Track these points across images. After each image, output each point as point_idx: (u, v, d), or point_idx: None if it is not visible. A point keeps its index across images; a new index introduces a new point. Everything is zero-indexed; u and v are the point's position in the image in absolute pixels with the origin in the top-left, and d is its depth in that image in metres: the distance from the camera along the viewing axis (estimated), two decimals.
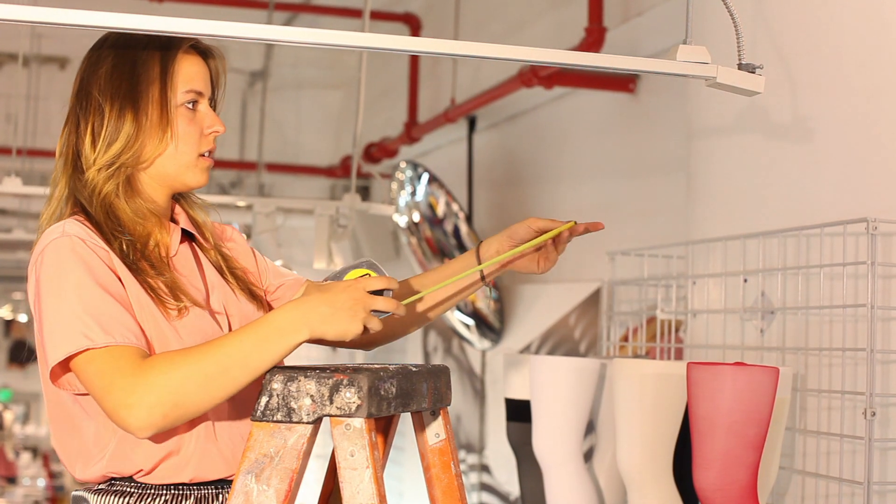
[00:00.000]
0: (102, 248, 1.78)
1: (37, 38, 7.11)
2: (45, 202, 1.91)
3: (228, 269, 1.97)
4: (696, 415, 2.18)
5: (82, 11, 1.59)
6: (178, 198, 1.98)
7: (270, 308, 2.01)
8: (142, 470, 1.80)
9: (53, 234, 1.78)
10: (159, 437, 1.78)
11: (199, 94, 1.90)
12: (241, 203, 5.39)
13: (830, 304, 2.34)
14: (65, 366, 1.73)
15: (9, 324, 17.40)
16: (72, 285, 1.72)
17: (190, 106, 1.89)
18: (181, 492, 1.82)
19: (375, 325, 1.75)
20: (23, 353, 16.78)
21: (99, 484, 1.84)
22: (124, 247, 1.81)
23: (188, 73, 1.88)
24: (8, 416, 16.42)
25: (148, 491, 1.81)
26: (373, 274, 1.83)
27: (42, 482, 14.60)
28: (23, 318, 17.08)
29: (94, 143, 1.85)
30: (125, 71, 1.86)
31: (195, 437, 1.81)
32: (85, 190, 1.85)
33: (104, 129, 1.85)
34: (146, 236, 1.87)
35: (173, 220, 1.95)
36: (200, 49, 1.92)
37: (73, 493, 1.87)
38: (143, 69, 1.86)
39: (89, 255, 1.75)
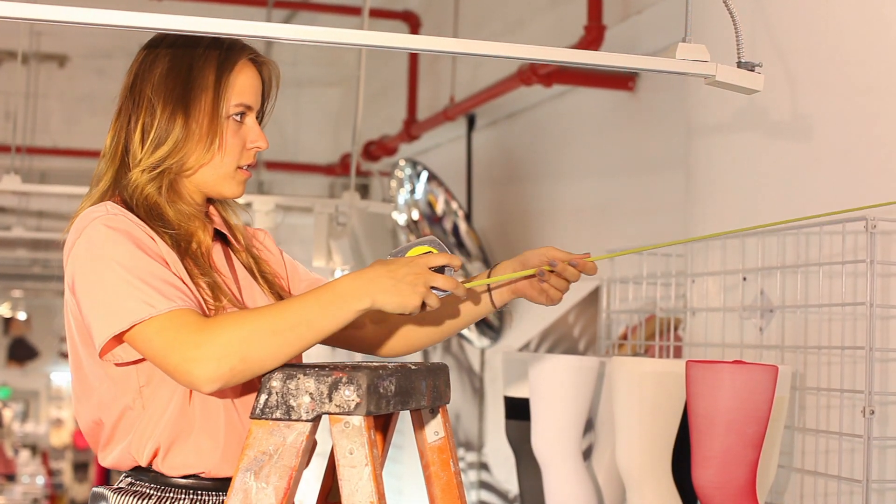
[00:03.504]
0: (143, 226, 1.79)
1: (36, 35, 7.11)
2: (87, 194, 1.91)
3: (259, 272, 1.99)
4: (695, 413, 2.18)
5: (82, 9, 1.59)
6: (213, 199, 1.99)
7: None
8: (159, 448, 1.80)
9: (96, 212, 1.79)
10: (175, 416, 1.78)
11: (249, 107, 1.91)
12: (240, 200, 5.38)
13: (829, 302, 2.34)
14: (117, 338, 1.73)
15: (8, 321, 17.39)
16: (123, 257, 1.73)
17: (238, 118, 1.89)
18: (200, 496, 1.82)
19: (434, 301, 1.78)
20: (22, 351, 16.79)
21: (120, 482, 1.85)
22: (169, 242, 1.82)
23: (242, 86, 1.89)
24: (7, 414, 16.44)
25: (167, 494, 1.81)
26: (435, 251, 1.84)
27: (41, 480, 14.63)
28: (22, 315, 17.07)
29: (143, 140, 1.86)
30: (180, 74, 1.86)
31: (216, 424, 1.81)
32: (128, 188, 1.86)
33: (154, 129, 1.85)
34: (189, 236, 1.88)
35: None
36: (257, 61, 1.93)
37: (94, 489, 1.88)
38: (199, 74, 1.86)
39: (134, 229, 1.77)
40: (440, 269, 1.81)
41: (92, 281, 1.74)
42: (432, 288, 1.78)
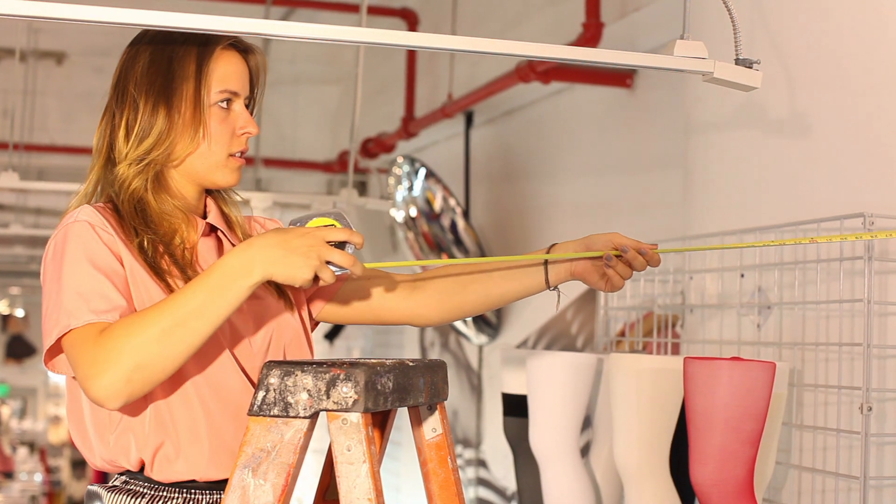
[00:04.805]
0: (109, 234, 1.78)
1: (34, 32, 7.10)
2: (76, 193, 1.91)
3: None
4: (693, 410, 2.18)
5: (80, 6, 1.59)
6: (211, 192, 1.98)
7: (299, 308, 2.00)
8: (143, 461, 1.79)
9: (67, 220, 1.79)
10: (153, 425, 1.78)
11: (234, 93, 1.89)
12: (239, 197, 5.38)
13: (827, 299, 2.34)
14: (60, 347, 1.73)
15: (6, 319, 17.39)
16: (66, 268, 1.73)
17: (224, 105, 1.88)
18: (193, 495, 1.82)
19: (328, 276, 1.70)
20: (19, 348, 16.79)
21: (114, 480, 1.85)
22: (146, 244, 1.81)
23: (224, 73, 1.87)
24: (5, 411, 16.44)
25: (161, 493, 1.81)
26: (338, 225, 1.76)
27: (39, 477, 14.62)
28: (20, 312, 17.08)
29: (127, 136, 1.85)
30: (161, 67, 1.85)
31: (196, 432, 1.80)
32: (115, 183, 1.86)
33: (137, 123, 1.85)
34: (171, 233, 1.87)
35: (204, 215, 1.95)
36: (240, 47, 1.91)
37: (88, 487, 1.87)
38: (179, 66, 1.85)
39: (91, 239, 1.76)
40: (340, 245, 1.73)
41: (44, 290, 1.76)
42: (328, 263, 1.71)
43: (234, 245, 1.95)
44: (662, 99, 4.13)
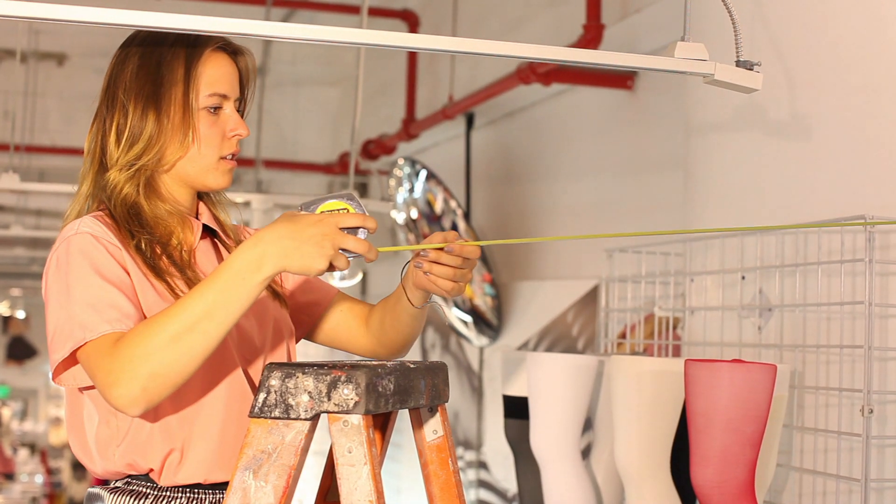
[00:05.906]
0: (115, 245, 1.78)
1: (34, 34, 7.11)
2: (73, 198, 1.91)
3: None
4: (694, 412, 2.18)
5: (80, 7, 1.59)
6: (203, 195, 1.97)
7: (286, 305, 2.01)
8: (152, 469, 1.79)
9: (68, 231, 1.78)
10: (160, 434, 1.77)
11: (224, 96, 1.88)
12: (239, 199, 5.39)
13: (828, 301, 2.34)
14: (71, 360, 1.73)
15: (6, 320, 17.39)
16: (74, 281, 1.72)
17: (213, 109, 1.87)
18: (196, 495, 1.81)
19: (342, 264, 1.65)
20: (20, 350, 16.80)
21: (116, 481, 1.84)
22: (143, 245, 1.80)
23: (213, 76, 1.87)
24: (6, 413, 16.45)
25: (164, 493, 1.81)
26: (351, 209, 1.71)
27: (40, 478, 14.63)
28: (21, 314, 17.08)
29: (118, 141, 1.85)
30: (150, 71, 1.85)
31: (203, 435, 1.80)
32: (107, 189, 1.85)
33: (127, 128, 1.84)
34: (168, 236, 1.86)
35: (196, 217, 1.95)
36: (229, 49, 1.90)
37: (89, 489, 1.87)
38: (168, 70, 1.84)
39: (97, 250, 1.75)
40: (353, 230, 1.67)
41: (49, 303, 1.75)
42: (342, 250, 1.66)
43: (229, 249, 1.95)
44: (663, 101, 4.13)
